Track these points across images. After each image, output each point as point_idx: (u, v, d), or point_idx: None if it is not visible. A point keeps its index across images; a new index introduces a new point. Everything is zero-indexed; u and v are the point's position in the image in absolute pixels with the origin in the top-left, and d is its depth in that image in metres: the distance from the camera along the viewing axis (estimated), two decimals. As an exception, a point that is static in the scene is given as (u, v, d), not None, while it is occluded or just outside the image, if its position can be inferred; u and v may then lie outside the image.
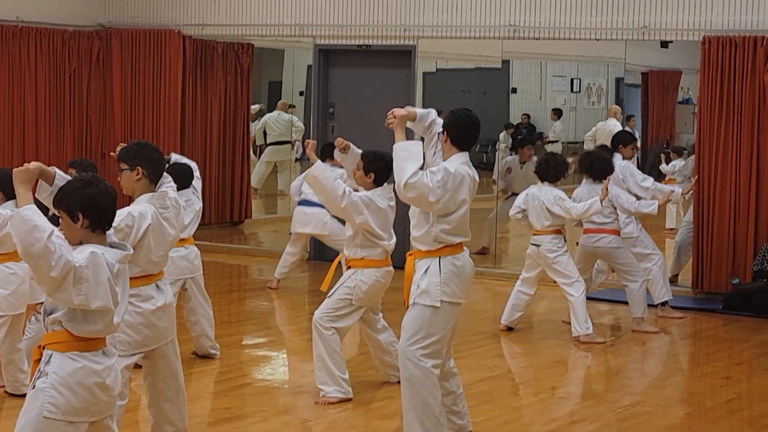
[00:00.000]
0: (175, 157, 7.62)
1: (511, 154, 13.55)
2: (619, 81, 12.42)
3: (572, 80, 13.25)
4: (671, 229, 12.71)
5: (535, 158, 11.40)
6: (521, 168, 11.87)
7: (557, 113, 13.19)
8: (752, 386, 7.57)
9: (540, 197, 8.41)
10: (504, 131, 13.02)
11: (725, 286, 9.70)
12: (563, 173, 8.59)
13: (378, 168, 6.54)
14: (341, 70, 11.92)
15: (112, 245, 4.10)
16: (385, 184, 6.57)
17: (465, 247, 5.63)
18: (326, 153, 9.10)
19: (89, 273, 3.89)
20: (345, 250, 6.67)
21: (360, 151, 6.54)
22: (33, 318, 6.59)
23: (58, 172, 4.52)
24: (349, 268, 6.63)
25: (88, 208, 4.01)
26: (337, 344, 6.61)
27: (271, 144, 14.35)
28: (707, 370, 8.00)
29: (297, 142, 14.54)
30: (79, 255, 3.92)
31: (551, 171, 8.48)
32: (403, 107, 5.74)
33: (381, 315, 6.94)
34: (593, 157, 8.86)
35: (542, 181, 8.50)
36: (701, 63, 9.90)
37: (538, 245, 8.48)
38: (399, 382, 5.71)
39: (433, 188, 5.35)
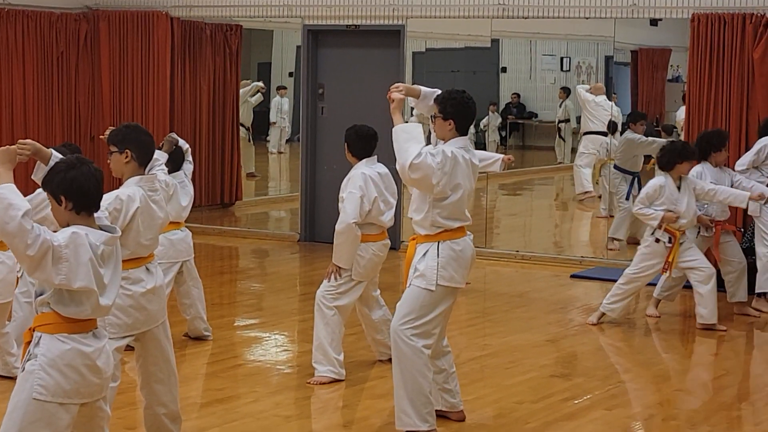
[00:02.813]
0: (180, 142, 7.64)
1: (501, 134, 13.56)
2: (608, 59, 12.43)
3: (562, 59, 13.26)
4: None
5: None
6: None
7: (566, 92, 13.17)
8: (741, 362, 7.61)
9: None
10: (489, 112, 12.98)
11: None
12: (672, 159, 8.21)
13: (348, 138, 6.70)
14: (330, 51, 11.90)
15: (102, 227, 4.11)
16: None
17: (468, 232, 5.65)
18: None
19: (69, 252, 3.89)
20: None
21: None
22: (16, 303, 6.59)
23: (54, 152, 4.52)
24: None
25: (70, 191, 4.01)
26: (337, 325, 6.64)
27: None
28: (696, 347, 8.03)
29: (280, 125, 14.55)
30: (60, 235, 3.93)
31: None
32: (400, 83, 5.74)
33: (379, 292, 6.99)
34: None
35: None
36: (690, 41, 9.90)
37: None
38: (390, 360, 5.74)
39: (435, 170, 5.37)
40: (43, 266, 3.87)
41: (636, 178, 11.39)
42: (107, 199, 4.95)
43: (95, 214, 4.11)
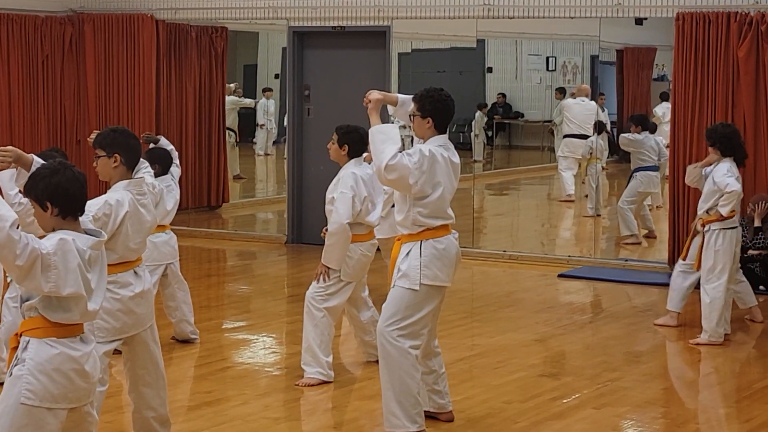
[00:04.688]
0: (163, 141, 7.62)
1: (488, 135, 13.58)
2: (594, 58, 12.47)
3: (548, 59, 13.28)
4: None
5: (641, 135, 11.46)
6: None
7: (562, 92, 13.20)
8: (728, 360, 7.63)
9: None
10: (478, 111, 13.03)
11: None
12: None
13: (352, 140, 6.60)
14: (316, 52, 11.89)
15: (87, 231, 4.09)
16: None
17: (453, 230, 5.65)
18: None
19: (58, 260, 3.87)
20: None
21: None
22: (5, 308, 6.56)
23: (36, 158, 4.50)
24: None
25: (56, 196, 3.99)
26: (326, 326, 6.62)
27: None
28: (684, 345, 8.04)
29: (267, 127, 14.55)
30: (48, 242, 3.90)
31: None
32: (379, 89, 5.76)
33: (367, 293, 6.98)
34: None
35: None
36: (675, 39, 9.93)
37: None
38: (378, 361, 5.74)
39: (412, 170, 5.38)
40: (33, 275, 3.84)
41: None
42: (96, 204, 4.94)
43: (80, 218, 4.10)
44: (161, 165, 7.26)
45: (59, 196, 3.99)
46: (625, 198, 11.51)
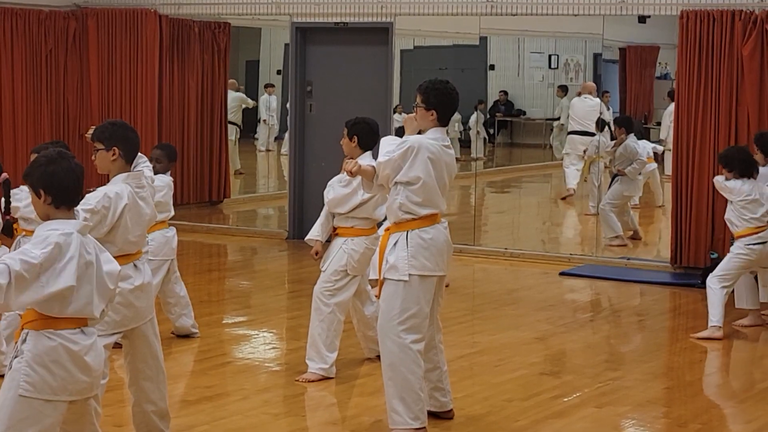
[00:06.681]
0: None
1: (489, 132, 13.58)
2: (596, 57, 12.46)
3: (550, 56, 13.28)
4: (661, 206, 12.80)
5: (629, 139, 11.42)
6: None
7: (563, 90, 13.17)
8: (730, 360, 7.62)
9: None
10: (476, 110, 12.98)
11: (704, 260, 9.73)
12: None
13: (361, 131, 6.55)
14: (318, 48, 11.87)
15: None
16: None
17: (442, 220, 5.61)
18: None
19: (47, 263, 3.88)
20: (335, 219, 6.69)
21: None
22: None
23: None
24: (336, 235, 6.65)
25: (50, 186, 4.00)
26: (332, 322, 6.60)
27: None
28: (686, 344, 8.03)
29: (268, 123, 14.55)
30: (37, 250, 3.87)
31: None
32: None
33: (370, 287, 6.96)
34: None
35: None
36: (679, 37, 9.89)
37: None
38: (380, 357, 5.72)
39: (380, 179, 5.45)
40: (33, 288, 3.87)
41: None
42: (95, 197, 4.94)
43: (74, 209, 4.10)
44: (170, 161, 7.33)
45: (53, 185, 4.00)
46: (607, 200, 11.45)
